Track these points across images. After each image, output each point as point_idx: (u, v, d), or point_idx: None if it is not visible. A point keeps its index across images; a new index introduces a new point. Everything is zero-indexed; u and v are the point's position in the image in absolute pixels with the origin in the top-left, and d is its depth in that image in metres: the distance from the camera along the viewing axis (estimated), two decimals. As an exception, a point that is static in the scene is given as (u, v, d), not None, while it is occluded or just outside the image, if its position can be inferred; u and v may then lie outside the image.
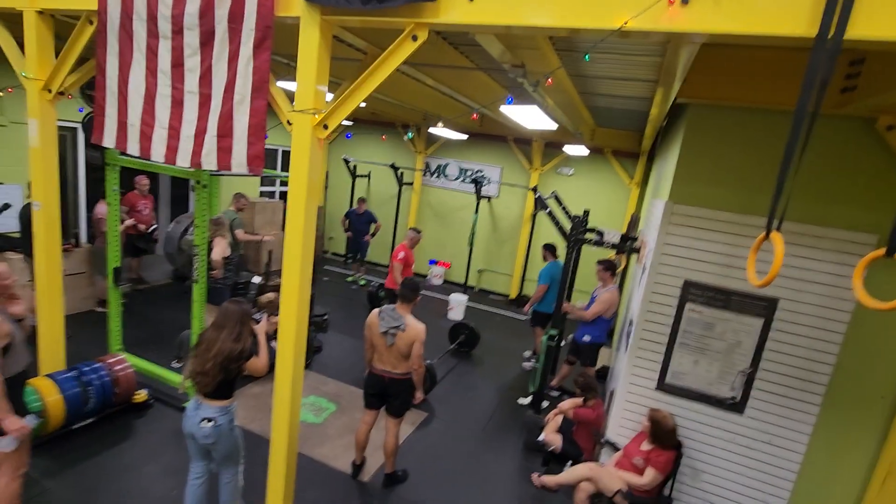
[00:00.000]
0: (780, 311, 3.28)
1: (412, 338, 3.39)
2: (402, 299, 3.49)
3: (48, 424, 3.54)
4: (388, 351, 3.43)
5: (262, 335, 3.04)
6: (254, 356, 2.87)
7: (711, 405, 3.54)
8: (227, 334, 2.73)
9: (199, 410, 2.78)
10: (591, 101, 5.52)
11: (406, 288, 3.52)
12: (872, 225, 3.02)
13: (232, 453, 2.94)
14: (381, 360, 3.51)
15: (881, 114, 2.84)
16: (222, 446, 2.85)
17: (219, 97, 2.74)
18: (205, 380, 2.70)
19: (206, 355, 2.70)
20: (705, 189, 3.34)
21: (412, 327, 3.40)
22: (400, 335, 3.38)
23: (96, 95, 3.16)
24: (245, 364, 2.80)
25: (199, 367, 2.71)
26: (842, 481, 3.33)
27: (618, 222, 8.37)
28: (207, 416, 2.76)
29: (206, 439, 2.79)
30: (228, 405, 2.84)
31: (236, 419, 2.91)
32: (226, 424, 2.81)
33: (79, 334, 5.38)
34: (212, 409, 2.77)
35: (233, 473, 3.01)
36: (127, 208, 6.29)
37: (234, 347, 2.72)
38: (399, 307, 3.48)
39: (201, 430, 2.77)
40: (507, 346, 7.07)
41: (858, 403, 3.23)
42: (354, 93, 2.52)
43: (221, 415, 2.79)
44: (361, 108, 8.03)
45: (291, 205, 2.67)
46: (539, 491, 3.96)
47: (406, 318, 3.42)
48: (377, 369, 3.54)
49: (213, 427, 2.76)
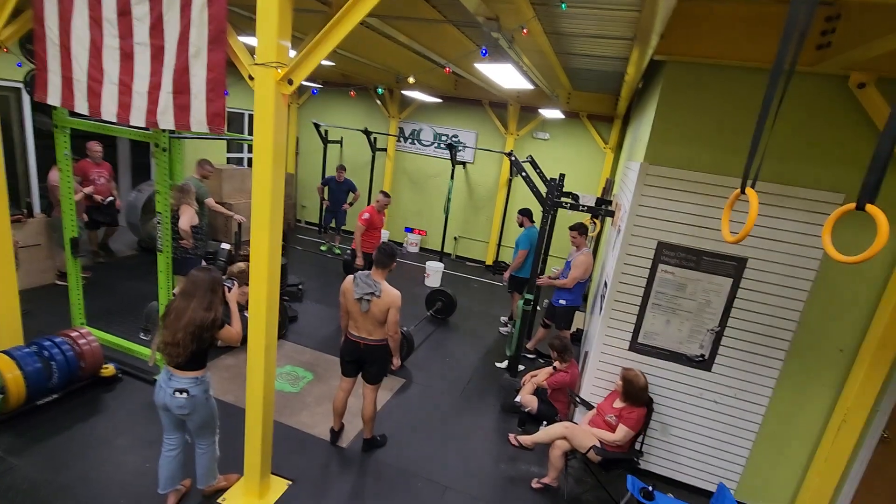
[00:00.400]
0: (749, 270, 3.35)
1: (387, 304, 3.33)
2: (378, 265, 3.41)
3: (9, 401, 3.41)
4: (363, 317, 3.38)
5: (233, 303, 2.95)
6: (226, 325, 2.77)
7: (681, 363, 3.65)
8: (198, 303, 2.63)
9: (172, 382, 2.70)
10: (567, 61, 5.41)
11: (382, 254, 3.43)
12: (840, 184, 3.08)
13: (208, 422, 2.91)
14: (356, 327, 3.45)
15: (853, 71, 2.84)
16: (198, 416, 2.81)
17: (172, 49, 2.54)
18: (176, 350, 2.61)
19: (176, 325, 2.60)
20: (680, 149, 3.34)
21: (387, 293, 3.34)
22: (375, 301, 3.31)
23: (36, 48, 2.90)
24: (218, 333, 2.72)
25: (169, 337, 2.61)
26: (801, 431, 3.52)
27: (593, 187, 8.41)
28: (180, 387, 2.69)
29: (181, 410, 2.73)
30: (201, 375, 2.77)
31: (210, 389, 2.85)
32: (200, 395, 2.76)
33: (40, 308, 5.16)
34: (185, 381, 2.70)
35: (209, 443, 2.98)
36: (80, 178, 5.87)
37: (205, 316, 2.62)
38: (374, 273, 3.40)
39: (175, 401, 2.70)
40: (483, 312, 7.13)
41: (819, 357, 3.37)
42: (320, 45, 2.37)
43: (194, 385, 2.72)
44: (331, 68, 7.71)
45: (257, 167, 2.53)
46: (516, 450, 4.06)
47: (381, 284, 3.35)
48: (353, 336, 3.48)
49: (188, 399, 2.71)
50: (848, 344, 3.29)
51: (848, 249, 1.53)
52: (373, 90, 9.32)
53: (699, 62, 3.16)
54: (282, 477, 3.36)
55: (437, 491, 3.50)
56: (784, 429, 3.54)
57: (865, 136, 3.00)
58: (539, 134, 8.74)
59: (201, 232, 5.18)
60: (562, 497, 3.62)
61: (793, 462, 3.58)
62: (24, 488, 2.99)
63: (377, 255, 3.43)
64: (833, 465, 3.35)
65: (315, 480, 3.40)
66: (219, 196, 7.45)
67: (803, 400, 3.46)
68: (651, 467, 3.89)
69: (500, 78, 4.63)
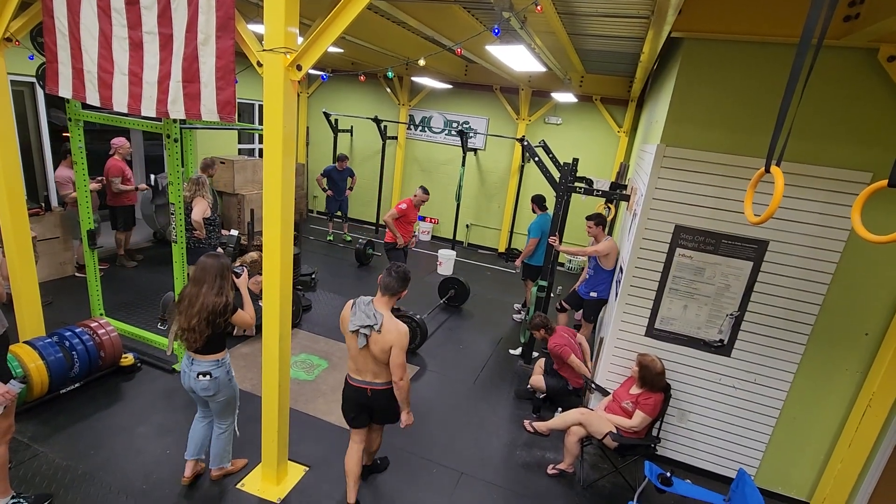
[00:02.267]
0: (770, 252, 3.27)
1: (388, 342, 2.62)
2: (385, 290, 2.71)
3: (32, 390, 3.48)
4: (361, 355, 2.71)
5: (244, 288, 2.98)
6: (238, 309, 2.82)
7: (699, 349, 3.59)
8: (208, 289, 2.68)
9: (194, 366, 2.80)
10: (580, 42, 5.29)
11: (392, 276, 2.70)
12: (867, 162, 2.97)
13: (230, 403, 3.00)
14: (357, 369, 2.78)
15: (883, 43, 2.72)
16: (222, 396, 2.90)
17: (181, 37, 2.52)
18: (193, 336, 2.67)
19: (191, 311, 2.66)
20: (698, 130, 3.24)
21: (390, 328, 2.62)
22: (374, 337, 2.63)
23: (46, 40, 2.91)
24: (231, 318, 2.76)
25: (185, 324, 2.67)
26: (823, 416, 3.44)
27: (607, 171, 8.27)
28: (202, 370, 2.78)
29: (206, 392, 2.83)
30: (222, 358, 2.85)
31: (232, 370, 2.93)
32: (223, 376, 2.85)
33: (60, 300, 5.26)
34: (206, 364, 2.79)
35: (228, 423, 3.07)
36: (119, 178, 5.93)
37: (217, 301, 2.67)
38: (377, 300, 2.71)
39: (199, 384, 2.80)
40: (497, 300, 7.10)
41: (843, 341, 3.28)
42: (328, 29, 2.32)
43: (216, 367, 2.81)
44: (340, 55, 7.65)
45: (268, 154, 2.51)
46: (531, 436, 4.05)
47: (384, 315, 2.65)
48: (356, 381, 2.79)
49: (210, 380, 2.80)
50: (874, 328, 3.20)
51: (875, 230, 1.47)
52: (382, 76, 9.24)
53: (719, 38, 3.05)
54: (299, 463, 3.40)
55: (452, 477, 3.51)
56: (806, 414, 3.47)
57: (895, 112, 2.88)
58: (551, 118, 8.61)
59: (214, 223, 5.22)
60: (578, 483, 3.61)
61: (815, 448, 3.51)
62: (48, 474, 3.06)
63: (385, 276, 2.72)
64: (857, 450, 3.28)
65: (332, 466, 3.43)
66: (231, 187, 7.49)
67: (826, 385, 3.39)
68: (669, 453, 3.86)
69: (512, 60, 4.54)
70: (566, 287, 4.59)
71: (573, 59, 5.97)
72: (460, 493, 3.38)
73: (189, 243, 4.91)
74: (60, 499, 2.90)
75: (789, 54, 1.57)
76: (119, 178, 5.93)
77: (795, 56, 1.60)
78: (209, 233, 5.12)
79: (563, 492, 3.51)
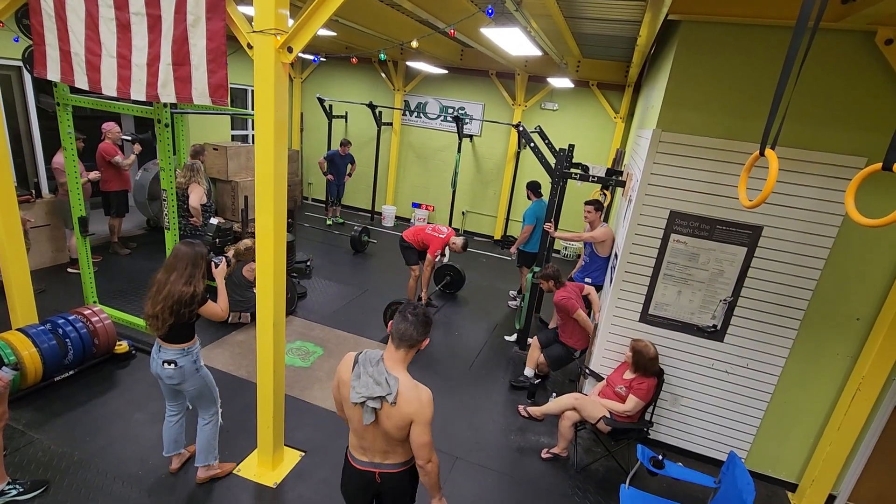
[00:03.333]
0: (764, 238, 3.27)
1: (406, 416, 1.89)
2: (400, 341, 1.94)
3: (26, 378, 3.47)
4: (368, 431, 1.98)
5: (220, 278, 2.89)
6: (208, 301, 2.71)
7: (693, 334, 3.61)
8: (177, 277, 2.59)
9: (161, 353, 2.73)
10: (577, 26, 5.22)
11: (410, 322, 1.93)
12: (862, 147, 2.96)
13: (203, 393, 2.89)
14: (361, 447, 2.05)
15: (880, 26, 2.69)
16: (190, 386, 2.82)
17: (169, 19, 2.47)
18: (155, 323, 2.60)
19: (157, 298, 2.59)
20: (694, 115, 3.22)
21: (408, 399, 1.89)
22: (387, 410, 1.89)
23: (32, 22, 2.84)
24: (200, 309, 2.67)
25: (150, 310, 2.60)
26: (813, 400, 3.49)
27: (603, 157, 8.24)
28: (168, 358, 2.71)
29: (171, 380, 2.77)
30: (188, 347, 2.76)
31: (200, 359, 2.85)
32: (188, 366, 2.75)
33: (53, 288, 5.22)
34: (171, 352, 2.71)
35: (211, 414, 2.99)
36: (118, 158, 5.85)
37: (184, 291, 2.58)
38: (389, 357, 1.95)
39: (164, 371, 2.74)
40: (492, 286, 7.11)
41: (834, 326, 3.31)
42: (319, 10, 2.28)
43: (181, 356, 2.72)
44: (333, 39, 7.53)
45: (259, 137, 2.48)
46: (525, 421, 4.09)
47: (399, 379, 1.91)
48: (359, 464, 2.08)
49: (175, 369, 2.72)
50: (865, 312, 3.23)
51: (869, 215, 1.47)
52: (376, 59, 9.13)
53: (716, 21, 3.02)
54: (295, 448, 3.42)
55: (447, 461, 3.54)
56: (796, 398, 3.52)
57: (891, 96, 2.86)
58: (548, 104, 8.54)
59: (209, 210, 5.19)
60: (571, 467, 3.65)
61: (804, 431, 3.56)
62: (44, 461, 3.07)
63: (400, 322, 1.94)
64: (846, 433, 3.32)
65: (327, 451, 3.45)
66: (224, 174, 7.41)
67: (817, 369, 3.42)
68: (661, 437, 3.90)
69: (508, 44, 4.49)
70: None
71: (570, 42, 5.91)
72: (455, 477, 3.42)
73: (185, 230, 4.88)
74: (56, 485, 2.91)
75: (786, 37, 1.55)
76: (118, 157, 5.83)
77: (791, 39, 1.58)
78: (204, 219, 5.09)
79: (557, 475, 3.56)
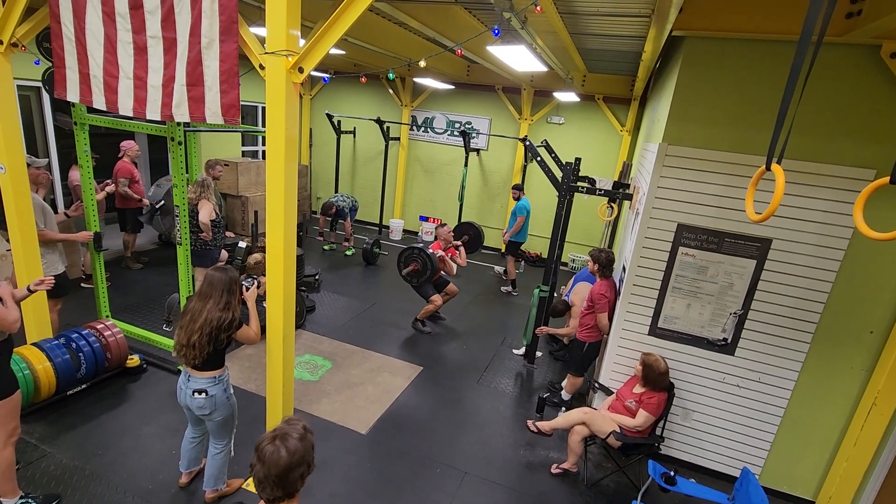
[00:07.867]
0: (774, 251, 3.26)
1: None
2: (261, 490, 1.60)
3: (39, 392, 3.51)
4: None
5: (251, 302, 2.90)
6: (244, 325, 2.72)
7: (703, 347, 3.58)
8: (214, 304, 2.58)
9: (190, 383, 2.69)
10: (582, 42, 5.29)
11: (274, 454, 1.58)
12: (870, 159, 2.96)
13: (227, 421, 2.87)
14: None
15: (885, 40, 2.71)
16: (218, 415, 2.78)
17: (184, 42, 2.55)
18: (192, 353, 2.57)
19: (192, 327, 2.56)
20: (700, 129, 3.24)
21: None
22: None
23: (53, 45, 2.94)
24: (235, 334, 2.66)
25: (185, 339, 2.57)
26: (828, 414, 3.43)
27: (610, 171, 8.26)
28: (198, 387, 2.67)
29: (201, 410, 2.73)
30: (220, 374, 2.74)
31: (230, 387, 2.83)
32: (220, 394, 2.73)
33: (67, 302, 5.28)
34: (203, 381, 2.68)
35: (225, 443, 2.93)
36: (127, 180, 5.99)
37: (222, 317, 2.57)
38: None
39: (195, 402, 2.70)
40: (500, 299, 7.10)
41: (847, 340, 3.27)
42: (329, 31, 2.34)
43: (213, 385, 2.70)
44: (342, 57, 7.68)
45: (271, 155, 2.54)
46: (534, 436, 4.05)
47: None
48: None
49: (206, 398, 2.69)
50: (879, 325, 3.19)
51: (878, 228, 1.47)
52: (384, 77, 9.27)
53: (720, 36, 3.05)
54: (304, 463, 3.41)
55: (456, 476, 3.52)
56: (810, 413, 3.46)
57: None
58: (554, 118, 8.60)
59: (219, 225, 5.26)
60: (581, 482, 3.61)
61: (820, 446, 3.50)
62: (56, 475, 3.09)
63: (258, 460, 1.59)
64: (862, 449, 3.26)
65: (336, 466, 3.44)
66: (235, 189, 7.52)
67: (831, 383, 3.37)
68: (673, 452, 3.85)
69: (513, 61, 4.55)
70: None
71: (575, 58, 5.97)
72: (464, 493, 3.39)
73: (196, 245, 4.95)
74: (68, 499, 2.93)
75: (791, 51, 1.57)
76: (127, 179, 5.98)
77: (795, 53, 1.60)
78: (214, 234, 5.16)
79: (567, 491, 3.51)
